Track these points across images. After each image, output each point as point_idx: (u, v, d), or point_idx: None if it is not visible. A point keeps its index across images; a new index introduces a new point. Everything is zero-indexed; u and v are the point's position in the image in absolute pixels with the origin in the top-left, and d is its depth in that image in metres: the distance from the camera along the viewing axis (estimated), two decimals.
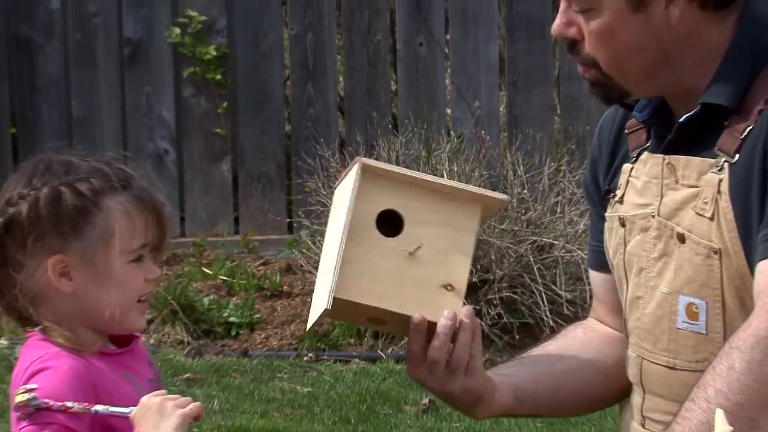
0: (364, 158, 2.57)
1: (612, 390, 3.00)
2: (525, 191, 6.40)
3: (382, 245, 2.53)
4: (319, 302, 2.61)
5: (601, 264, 2.93)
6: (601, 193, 3.02)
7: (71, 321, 2.51)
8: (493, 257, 5.93)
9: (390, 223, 2.54)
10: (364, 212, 2.53)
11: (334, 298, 2.46)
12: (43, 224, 2.47)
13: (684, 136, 2.64)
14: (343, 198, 2.63)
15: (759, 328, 2.51)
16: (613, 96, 2.76)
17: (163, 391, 2.48)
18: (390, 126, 7.19)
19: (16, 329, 2.56)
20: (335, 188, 2.74)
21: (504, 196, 2.78)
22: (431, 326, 2.55)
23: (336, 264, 2.52)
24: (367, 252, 2.53)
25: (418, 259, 2.53)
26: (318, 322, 2.71)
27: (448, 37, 7.46)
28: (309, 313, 4.72)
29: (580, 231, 6.01)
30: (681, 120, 2.63)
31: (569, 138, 7.10)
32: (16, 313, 2.55)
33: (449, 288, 2.56)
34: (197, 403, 2.46)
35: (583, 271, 3.80)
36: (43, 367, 2.45)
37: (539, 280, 5.89)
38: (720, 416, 2.20)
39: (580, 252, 5.59)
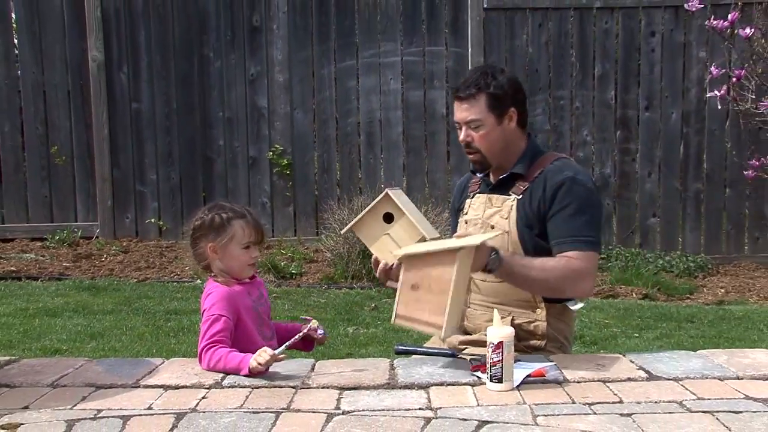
0: (390, 189, 2.72)
1: None
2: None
3: (383, 225, 2.69)
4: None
5: None
6: (456, 212, 3.08)
7: (222, 272, 2.68)
8: None
9: (388, 217, 2.69)
10: (378, 212, 2.69)
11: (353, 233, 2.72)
12: (207, 229, 2.69)
13: (496, 186, 2.88)
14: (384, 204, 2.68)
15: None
16: (485, 167, 2.89)
17: (270, 351, 2.48)
18: (359, 192, 7.18)
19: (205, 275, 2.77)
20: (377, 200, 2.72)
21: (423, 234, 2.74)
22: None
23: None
24: (376, 224, 2.69)
25: (390, 236, 2.69)
26: (349, 230, 2.73)
27: (383, 155, 7.48)
28: (320, 265, 4.48)
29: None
30: (500, 177, 2.87)
31: (432, 198, 7.08)
32: (205, 268, 2.74)
33: (394, 254, 2.66)
34: (267, 360, 2.46)
35: None
36: (210, 292, 2.64)
37: None
38: (497, 313, 2.42)
39: None
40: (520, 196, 2.80)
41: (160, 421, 2.17)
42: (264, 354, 2.48)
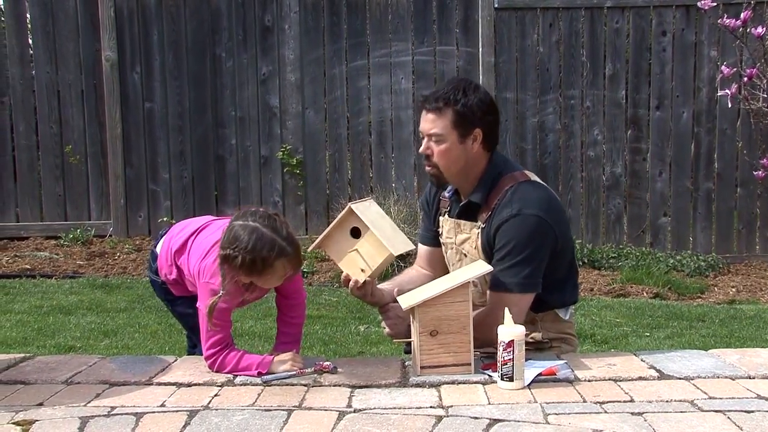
0: (355, 202, 2.69)
1: None
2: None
3: (351, 240, 2.65)
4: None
5: (424, 242, 3.04)
6: (430, 216, 3.00)
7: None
8: None
9: (355, 232, 2.65)
10: (344, 227, 2.66)
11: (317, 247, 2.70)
12: (243, 269, 2.48)
13: (462, 211, 2.81)
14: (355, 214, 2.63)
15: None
16: (441, 183, 2.85)
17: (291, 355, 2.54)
18: (370, 191, 7.17)
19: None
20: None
21: (392, 252, 2.61)
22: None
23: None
24: (343, 239, 2.66)
25: (359, 252, 2.64)
26: (316, 247, 2.73)
27: (394, 154, 7.55)
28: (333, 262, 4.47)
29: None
30: (460, 204, 2.82)
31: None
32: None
33: (363, 270, 2.64)
34: (290, 365, 2.51)
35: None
36: (207, 286, 2.59)
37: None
38: (507, 312, 2.42)
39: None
40: (484, 225, 2.76)
41: (173, 418, 2.18)
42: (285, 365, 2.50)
